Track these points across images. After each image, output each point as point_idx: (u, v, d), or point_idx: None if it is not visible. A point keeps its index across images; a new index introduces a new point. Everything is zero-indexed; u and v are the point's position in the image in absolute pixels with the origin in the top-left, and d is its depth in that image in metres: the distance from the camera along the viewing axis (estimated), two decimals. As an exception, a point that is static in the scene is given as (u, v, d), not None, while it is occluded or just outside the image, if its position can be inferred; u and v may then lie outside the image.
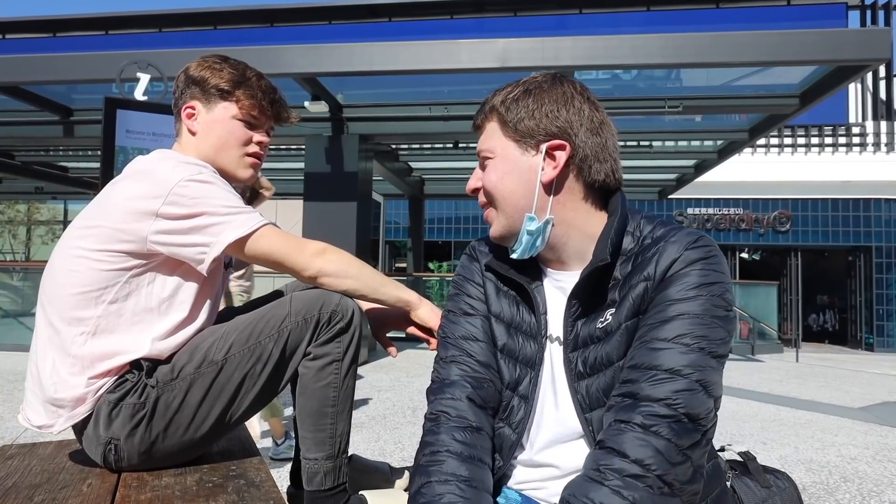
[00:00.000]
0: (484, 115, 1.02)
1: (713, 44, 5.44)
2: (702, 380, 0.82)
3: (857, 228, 16.42)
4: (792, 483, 1.09)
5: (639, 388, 0.83)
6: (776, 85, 6.64)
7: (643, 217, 0.99)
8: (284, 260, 1.22)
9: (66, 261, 1.17)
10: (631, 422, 0.81)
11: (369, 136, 7.59)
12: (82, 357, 1.14)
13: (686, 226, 8.36)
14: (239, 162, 1.34)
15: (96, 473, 1.17)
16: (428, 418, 1.00)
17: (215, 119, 1.31)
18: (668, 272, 0.88)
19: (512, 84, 1.00)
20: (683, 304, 0.86)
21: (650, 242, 0.93)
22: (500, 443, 1.00)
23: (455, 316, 1.07)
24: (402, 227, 16.73)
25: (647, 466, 0.77)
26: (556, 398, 0.98)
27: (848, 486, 3.30)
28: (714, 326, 0.85)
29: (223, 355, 1.20)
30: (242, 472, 1.20)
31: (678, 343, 0.84)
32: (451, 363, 1.03)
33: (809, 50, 5.24)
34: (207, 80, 1.30)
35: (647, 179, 11.19)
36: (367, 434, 4.00)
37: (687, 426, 0.80)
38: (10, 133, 8.32)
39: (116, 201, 1.17)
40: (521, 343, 1.01)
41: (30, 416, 1.18)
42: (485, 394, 0.99)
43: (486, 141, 1.01)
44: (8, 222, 17.85)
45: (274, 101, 1.36)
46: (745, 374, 8.13)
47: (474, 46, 5.77)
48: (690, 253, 0.88)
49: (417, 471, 0.93)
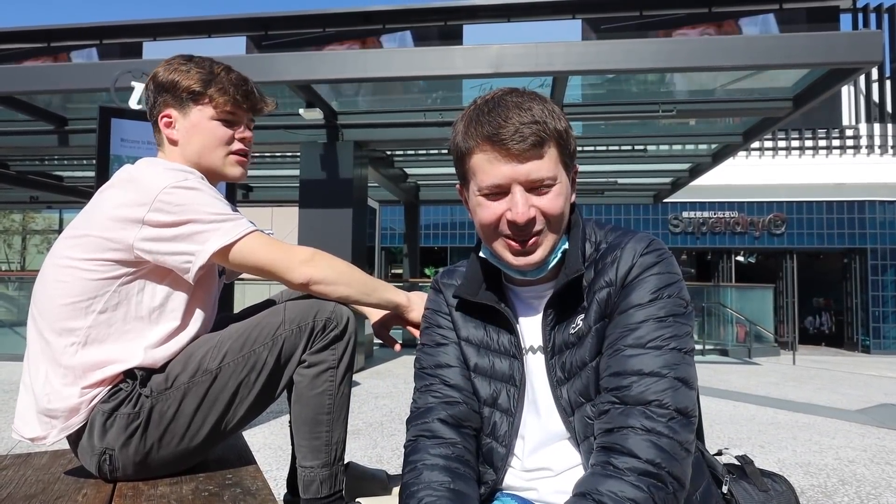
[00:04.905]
0: (545, 137, 0.91)
1: (705, 48, 5.48)
2: (680, 376, 0.88)
3: (853, 230, 16.49)
4: (790, 486, 1.10)
5: (627, 394, 0.88)
6: (769, 88, 6.67)
7: (594, 223, 1.04)
8: (272, 268, 1.21)
9: (56, 271, 1.16)
10: (631, 426, 0.85)
11: (364, 143, 7.60)
12: (73, 367, 1.13)
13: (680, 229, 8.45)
14: (225, 161, 1.33)
15: (91, 483, 1.17)
16: (407, 444, 1.04)
17: (193, 124, 1.30)
18: (627, 277, 0.94)
19: (546, 101, 0.95)
20: (647, 308, 0.92)
21: (606, 248, 0.99)
22: (490, 457, 1.03)
23: (429, 348, 1.11)
24: (397, 233, 16.70)
25: (659, 465, 0.82)
26: (536, 406, 1.01)
27: (846, 489, 3.30)
28: (678, 325, 0.91)
29: (217, 364, 1.19)
30: (238, 481, 1.20)
31: (651, 347, 0.89)
32: (425, 392, 1.07)
33: (802, 53, 5.28)
34: (177, 83, 1.28)
35: (641, 183, 11.22)
36: (364, 441, 3.99)
37: (682, 421, 0.85)
38: (5, 143, 8.30)
39: (103, 210, 1.16)
40: (492, 361, 1.05)
41: (22, 428, 1.17)
42: (458, 413, 1.03)
43: (550, 168, 0.92)
44: (3, 232, 17.80)
45: (248, 94, 1.34)
46: (742, 377, 8.14)
47: (468, 52, 5.80)
48: (645, 258, 0.95)
49: (402, 488, 0.98)
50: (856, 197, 16.29)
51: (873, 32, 5.50)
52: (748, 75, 6.44)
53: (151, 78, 1.32)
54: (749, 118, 7.32)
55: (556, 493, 0.97)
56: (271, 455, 3.52)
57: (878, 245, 16.35)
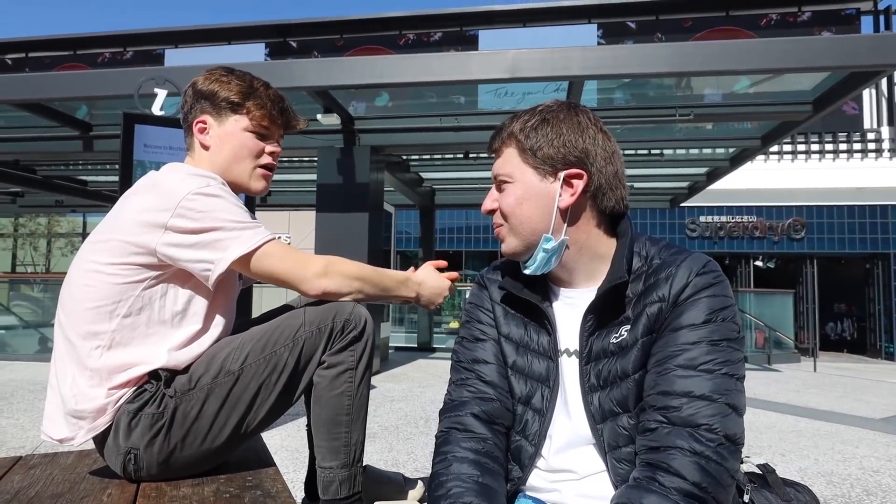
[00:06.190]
0: (502, 140, 1.05)
1: (723, 51, 5.42)
2: (731, 402, 0.87)
3: (875, 235, 16.16)
4: (813, 496, 1.07)
5: (676, 415, 0.87)
6: (788, 92, 6.58)
7: (647, 238, 1.05)
8: (288, 279, 1.23)
9: (82, 275, 1.18)
10: (679, 447, 0.85)
11: (381, 148, 7.63)
12: (99, 370, 1.15)
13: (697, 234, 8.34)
14: (252, 174, 1.36)
15: (116, 484, 1.19)
16: (439, 435, 1.06)
17: (227, 132, 1.32)
18: (680, 295, 0.94)
19: (528, 111, 1.04)
20: (700, 329, 0.91)
21: (659, 263, 0.99)
22: (517, 454, 1.04)
23: (468, 342, 1.13)
24: (413, 237, 16.74)
25: (705, 489, 0.82)
26: (567, 408, 1.02)
27: (871, 499, 3.23)
28: (731, 350, 0.90)
29: (239, 365, 1.21)
30: (259, 483, 1.21)
31: (703, 371, 0.89)
32: (461, 386, 1.09)
33: (821, 56, 5.20)
34: (217, 93, 1.31)
35: (658, 188, 11.11)
36: (379, 444, 4.00)
37: (730, 448, 0.85)
38: (32, 148, 8.49)
39: (127, 214, 1.19)
40: (530, 360, 1.06)
41: (50, 429, 1.19)
42: (491, 410, 1.04)
43: (503, 166, 1.04)
44: (29, 235, 18.15)
45: (283, 110, 1.37)
46: (762, 383, 8.01)
47: (484, 57, 5.81)
48: (700, 279, 0.94)
49: (431, 478, 0.99)
50: (878, 201, 15.97)
51: (895, 35, 5.40)
52: (767, 78, 6.36)
53: (191, 85, 1.35)
54: (768, 122, 7.22)
55: (578, 497, 0.97)
56: (288, 457, 3.54)
57: (901, 250, 16.02)
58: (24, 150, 8.65)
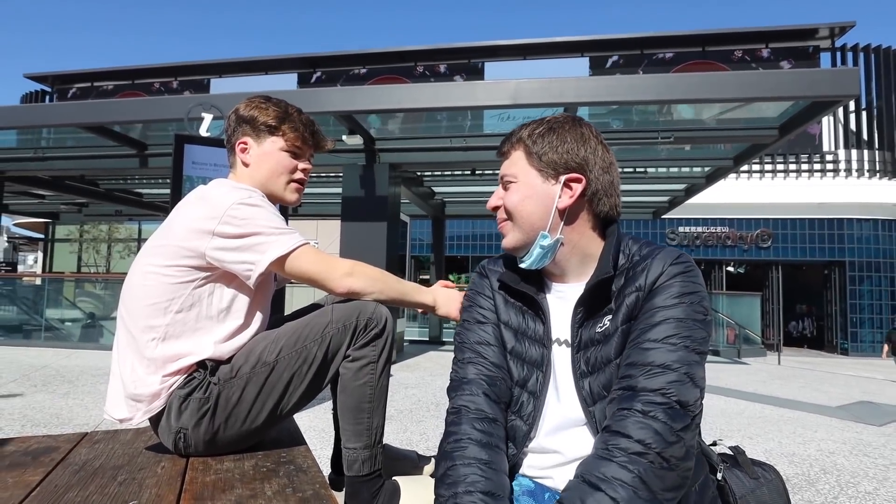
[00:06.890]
0: (511, 143, 1.03)
1: (700, 82, 5.41)
2: (689, 373, 0.84)
3: (832, 245, 16.11)
4: (777, 474, 1.07)
5: (636, 381, 0.85)
6: (758, 118, 6.55)
7: (630, 238, 1.03)
8: (318, 278, 1.23)
9: (140, 277, 1.19)
10: (632, 409, 0.83)
11: (398, 165, 7.66)
12: (155, 359, 1.16)
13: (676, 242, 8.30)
14: (287, 187, 1.36)
15: (168, 458, 1.19)
16: (450, 412, 1.01)
17: (265, 151, 1.33)
18: (655, 284, 0.92)
19: (537, 121, 1.02)
20: (669, 310, 0.89)
21: (639, 259, 0.97)
22: (513, 433, 1.01)
23: (470, 324, 1.10)
24: (425, 243, 16.75)
25: (648, 445, 0.79)
26: (558, 393, 0.99)
27: (827, 477, 3.19)
28: (695, 328, 0.88)
29: (274, 357, 1.21)
30: (292, 459, 1.21)
31: (667, 343, 0.86)
32: (467, 364, 1.05)
33: (787, 87, 5.18)
34: (256, 118, 1.32)
35: (642, 201, 11.07)
36: (395, 426, 3.99)
37: (679, 412, 0.82)
38: (96, 165, 8.61)
39: (180, 223, 1.20)
40: (527, 346, 1.03)
41: (112, 410, 1.20)
42: (498, 390, 1.01)
43: (510, 167, 1.03)
44: (92, 240, 18.31)
45: (314, 133, 1.38)
46: (732, 375, 7.93)
47: (490, 86, 5.82)
48: (673, 268, 0.92)
49: (443, 456, 0.94)
50: (835, 215, 15.95)
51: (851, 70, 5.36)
52: (738, 106, 6.33)
53: (234, 111, 1.36)
54: (739, 144, 7.19)
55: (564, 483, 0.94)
56: (315, 437, 3.55)
57: (856, 258, 15.99)
58: (89, 166, 8.77)
